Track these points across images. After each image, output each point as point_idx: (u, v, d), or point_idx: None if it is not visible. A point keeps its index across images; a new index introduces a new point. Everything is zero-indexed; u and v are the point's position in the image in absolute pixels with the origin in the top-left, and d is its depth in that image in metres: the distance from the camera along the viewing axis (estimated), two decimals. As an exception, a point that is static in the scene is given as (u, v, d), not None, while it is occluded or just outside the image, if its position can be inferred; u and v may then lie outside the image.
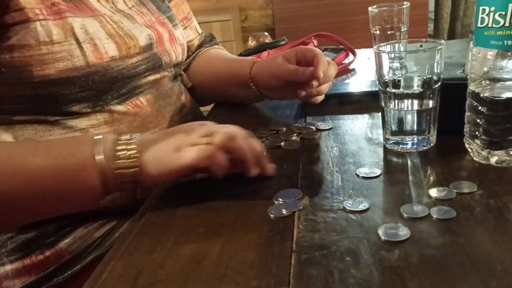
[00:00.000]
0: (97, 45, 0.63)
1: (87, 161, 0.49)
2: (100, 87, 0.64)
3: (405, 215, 0.46)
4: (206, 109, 0.97)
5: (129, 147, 0.50)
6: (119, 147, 0.50)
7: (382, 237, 0.43)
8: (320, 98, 0.76)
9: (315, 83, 0.70)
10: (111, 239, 0.67)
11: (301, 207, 0.49)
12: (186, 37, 0.93)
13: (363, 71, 1.05)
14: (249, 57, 0.93)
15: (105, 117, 0.66)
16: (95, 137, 0.51)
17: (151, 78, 0.73)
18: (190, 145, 0.51)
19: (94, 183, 0.49)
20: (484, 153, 0.55)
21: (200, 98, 0.94)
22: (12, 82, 0.60)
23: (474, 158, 0.56)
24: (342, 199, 0.50)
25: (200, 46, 0.96)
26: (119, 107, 0.68)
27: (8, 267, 0.62)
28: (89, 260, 0.65)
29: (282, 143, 0.67)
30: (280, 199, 0.52)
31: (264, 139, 0.69)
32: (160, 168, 0.51)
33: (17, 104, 0.62)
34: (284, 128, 0.73)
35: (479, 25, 0.52)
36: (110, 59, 0.64)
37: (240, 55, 1.23)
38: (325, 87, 0.75)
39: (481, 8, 0.51)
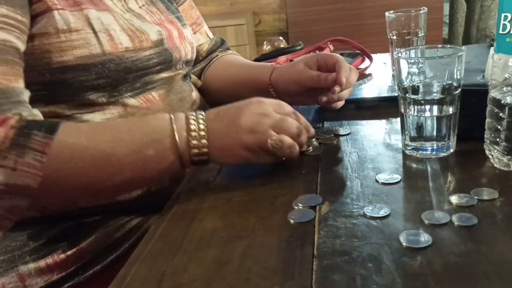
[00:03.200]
0: (112, 36, 0.66)
1: (167, 145, 0.56)
2: (115, 76, 0.66)
3: (426, 221, 0.46)
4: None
5: (200, 132, 0.57)
6: (191, 129, 0.57)
7: (404, 244, 0.43)
8: (341, 103, 0.77)
9: (337, 88, 0.71)
10: (130, 239, 0.68)
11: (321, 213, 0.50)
12: (196, 42, 0.93)
13: (379, 76, 1.04)
14: (267, 63, 0.93)
15: (118, 111, 0.68)
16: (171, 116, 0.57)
17: (164, 75, 0.74)
18: (259, 148, 0.57)
19: (173, 160, 0.56)
20: (505, 159, 0.54)
21: (216, 102, 0.94)
22: (31, 69, 0.61)
23: (495, 165, 0.56)
24: (362, 205, 0.51)
25: (211, 51, 0.96)
26: (132, 101, 0.69)
27: (31, 265, 0.64)
28: (110, 260, 0.66)
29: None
30: (300, 205, 0.52)
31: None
32: (228, 161, 0.59)
33: (35, 91, 0.62)
34: (301, 133, 0.73)
35: (500, 31, 0.52)
36: (124, 50, 0.66)
37: (255, 60, 1.24)
38: (346, 93, 0.76)
39: (503, 14, 0.51)
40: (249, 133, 0.57)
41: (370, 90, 0.91)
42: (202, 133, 0.56)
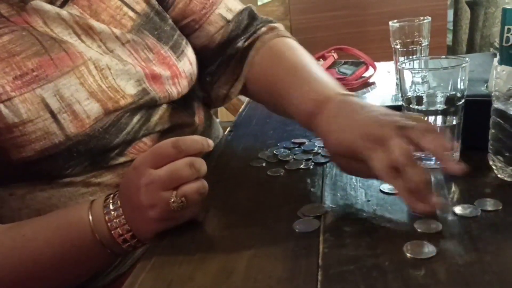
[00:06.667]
0: (75, 112, 0.57)
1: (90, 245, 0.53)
2: (88, 154, 0.60)
3: (430, 232, 0.46)
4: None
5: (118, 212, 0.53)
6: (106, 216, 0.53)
7: (408, 254, 0.43)
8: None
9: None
10: (131, 257, 0.66)
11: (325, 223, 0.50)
12: (205, 35, 0.76)
13: (383, 85, 1.05)
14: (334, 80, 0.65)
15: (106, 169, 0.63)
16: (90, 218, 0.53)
17: (155, 118, 0.67)
18: (170, 215, 0.51)
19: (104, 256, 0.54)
20: (509, 170, 0.55)
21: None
22: None
23: (499, 175, 0.56)
24: (366, 214, 0.51)
25: (227, 39, 0.76)
26: (121, 159, 0.63)
27: None
28: (110, 279, 0.65)
29: (305, 157, 0.68)
30: (305, 214, 0.52)
31: (286, 153, 0.70)
32: (154, 234, 0.53)
33: (7, 180, 0.59)
34: (306, 142, 0.74)
35: (504, 44, 0.52)
36: (94, 122, 0.59)
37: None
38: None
39: (506, 27, 0.52)
40: (151, 208, 0.50)
41: (373, 98, 0.92)
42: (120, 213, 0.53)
